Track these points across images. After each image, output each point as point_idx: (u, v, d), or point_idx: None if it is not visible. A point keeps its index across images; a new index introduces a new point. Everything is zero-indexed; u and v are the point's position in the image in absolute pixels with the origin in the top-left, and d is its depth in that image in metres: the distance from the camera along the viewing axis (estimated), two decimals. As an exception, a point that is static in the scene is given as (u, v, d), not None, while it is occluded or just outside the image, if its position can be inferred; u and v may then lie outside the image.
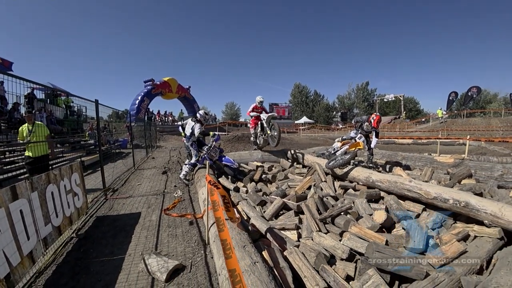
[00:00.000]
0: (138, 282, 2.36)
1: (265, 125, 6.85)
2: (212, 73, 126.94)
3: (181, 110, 27.19)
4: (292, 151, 7.05)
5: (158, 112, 25.18)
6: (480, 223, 3.09)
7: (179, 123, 7.14)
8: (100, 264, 2.69)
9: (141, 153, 10.12)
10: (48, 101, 10.43)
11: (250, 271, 1.88)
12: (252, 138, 7.76)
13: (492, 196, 4.55)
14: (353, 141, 6.04)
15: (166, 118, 26.08)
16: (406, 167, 6.85)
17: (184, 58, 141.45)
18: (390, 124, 32.51)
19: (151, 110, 22.93)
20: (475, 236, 3.05)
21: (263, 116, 6.86)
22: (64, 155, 7.60)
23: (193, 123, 5.65)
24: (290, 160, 6.94)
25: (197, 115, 5.90)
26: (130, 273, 2.49)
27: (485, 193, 4.70)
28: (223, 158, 5.76)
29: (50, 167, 4.75)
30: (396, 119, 36.26)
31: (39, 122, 4.89)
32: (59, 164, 5.77)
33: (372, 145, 6.06)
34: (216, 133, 7.05)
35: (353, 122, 7.88)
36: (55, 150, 7.05)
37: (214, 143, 5.78)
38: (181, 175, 5.65)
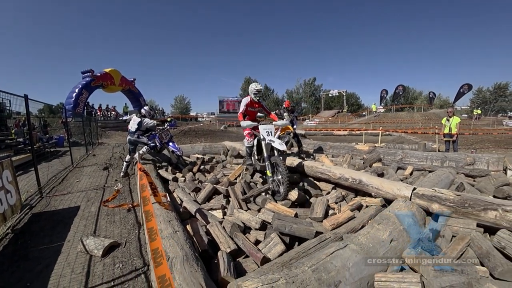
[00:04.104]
0: (76, 260, 2.71)
1: (264, 151, 4.37)
2: (159, 65, 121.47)
3: (125, 104, 26.02)
4: (231, 143, 7.69)
5: (99, 107, 23.43)
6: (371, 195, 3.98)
7: (125, 117, 7.26)
8: (39, 251, 2.94)
9: (80, 151, 9.68)
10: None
11: (170, 237, 2.42)
12: (245, 154, 5.84)
13: (386, 175, 5.78)
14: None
15: (109, 113, 24.45)
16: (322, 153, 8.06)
17: (127, 49, 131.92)
18: (333, 118, 35.50)
19: (91, 104, 21.35)
20: (367, 206, 3.88)
21: (265, 134, 4.35)
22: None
23: (139, 119, 5.86)
24: (229, 151, 7.56)
25: (142, 110, 6.16)
26: (69, 255, 2.83)
27: (386, 173, 5.94)
28: (170, 143, 6.27)
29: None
30: (339, 113, 39.60)
31: None
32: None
33: (294, 126, 7.49)
34: (174, 120, 7.53)
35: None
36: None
37: (168, 127, 6.34)
38: (135, 155, 5.72)
